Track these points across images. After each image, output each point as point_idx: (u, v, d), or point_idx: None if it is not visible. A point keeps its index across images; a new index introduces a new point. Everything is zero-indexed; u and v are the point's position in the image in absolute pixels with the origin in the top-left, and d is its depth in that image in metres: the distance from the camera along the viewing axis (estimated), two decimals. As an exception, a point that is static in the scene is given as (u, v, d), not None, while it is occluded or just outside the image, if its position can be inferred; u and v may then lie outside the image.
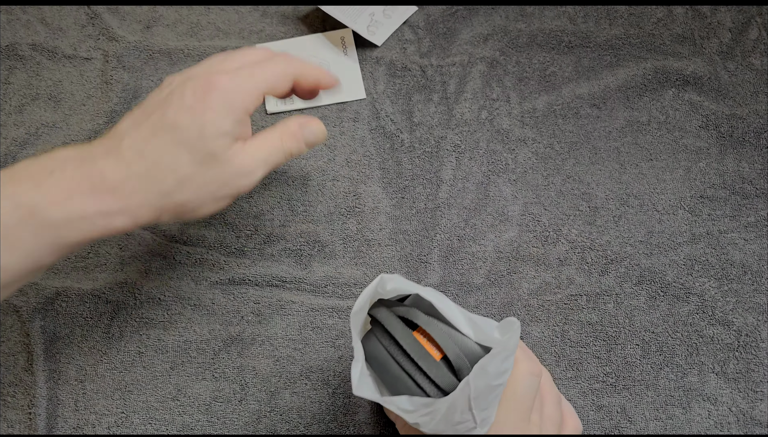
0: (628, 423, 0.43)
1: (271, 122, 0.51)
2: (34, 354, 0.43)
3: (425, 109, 0.51)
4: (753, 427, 0.43)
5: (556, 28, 0.54)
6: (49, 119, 0.50)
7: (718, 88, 0.52)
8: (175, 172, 0.33)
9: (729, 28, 0.53)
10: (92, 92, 0.51)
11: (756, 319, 0.45)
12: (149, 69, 0.52)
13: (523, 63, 0.53)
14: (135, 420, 0.42)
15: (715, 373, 0.44)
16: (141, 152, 0.33)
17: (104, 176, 0.32)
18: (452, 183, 0.49)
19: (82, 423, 0.42)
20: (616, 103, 0.52)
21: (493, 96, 0.52)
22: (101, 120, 0.50)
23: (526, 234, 0.48)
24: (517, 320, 0.32)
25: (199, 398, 0.43)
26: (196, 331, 0.44)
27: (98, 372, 0.43)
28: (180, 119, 0.33)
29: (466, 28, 0.54)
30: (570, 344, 0.45)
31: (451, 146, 0.50)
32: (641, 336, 0.45)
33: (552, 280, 0.46)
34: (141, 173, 0.33)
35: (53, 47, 0.52)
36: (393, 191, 0.49)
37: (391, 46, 0.53)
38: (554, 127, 0.51)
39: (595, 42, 0.53)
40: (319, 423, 0.42)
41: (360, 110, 0.51)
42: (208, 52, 0.52)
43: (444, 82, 0.52)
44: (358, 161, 0.50)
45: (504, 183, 0.49)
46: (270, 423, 0.42)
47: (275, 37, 0.53)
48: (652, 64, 0.52)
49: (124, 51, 0.52)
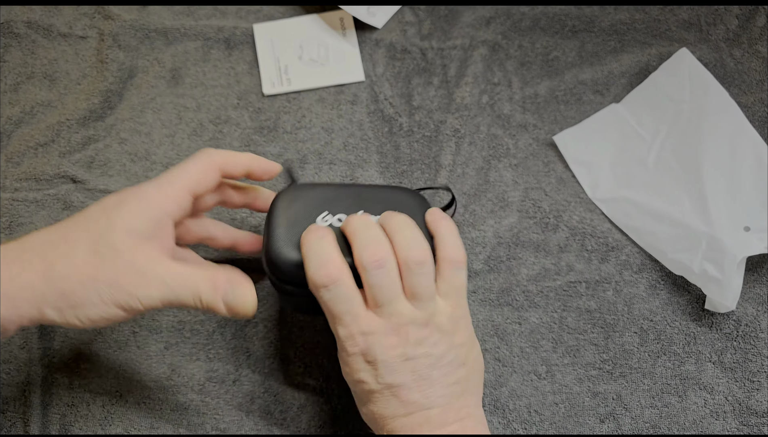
0: (623, 410, 0.45)
1: (268, 104, 0.53)
2: (29, 332, 0.46)
3: (425, 92, 0.54)
4: (749, 417, 0.45)
5: (559, 11, 0.56)
6: (44, 98, 0.53)
7: (723, 76, 0.54)
8: (66, 256, 0.33)
9: (736, 14, 0.56)
10: (87, 71, 0.54)
11: (756, 309, 0.47)
12: (145, 48, 0.55)
13: (526, 47, 0.55)
14: (129, 399, 0.45)
15: (712, 362, 0.46)
16: (42, 240, 0.34)
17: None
18: (451, 168, 0.52)
19: (77, 402, 0.44)
20: (620, 89, 0.54)
21: (495, 80, 0.54)
22: (96, 99, 0.52)
23: (526, 220, 0.50)
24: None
25: (193, 378, 0.45)
26: (191, 311, 0.47)
27: (92, 350, 0.46)
28: (92, 212, 0.34)
29: (468, 11, 0.56)
30: (568, 330, 0.47)
31: (451, 130, 0.53)
32: (640, 323, 0.47)
33: (552, 266, 0.49)
34: (33, 261, 0.33)
35: (48, 25, 0.55)
36: (391, 175, 0.51)
37: (391, 28, 0.56)
38: (556, 112, 0.54)
39: (600, 27, 0.56)
40: (313, 405, 0.45)
41: (358, 92, 0.54)
42: (204, 32, 0.55)
43: (444, 66, 0.55)
44: (356, 145, 0.52)
45: (504, 168, 0.52)
46: (263, 403, 0.45)
47: (273, 18, 0.56)
48: (657, 50, 0.55)
49: (119, 30, 0.55)
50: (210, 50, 0.55)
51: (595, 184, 0.51)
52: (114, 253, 0.33)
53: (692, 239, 0.47)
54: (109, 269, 0.33)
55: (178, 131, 0.52)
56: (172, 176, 0.37)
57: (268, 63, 0.54)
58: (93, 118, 0.52)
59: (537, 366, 0.46)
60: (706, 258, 0.46)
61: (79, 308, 0.33)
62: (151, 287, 0.34)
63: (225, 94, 0.54)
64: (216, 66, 0.54)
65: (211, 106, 0.53)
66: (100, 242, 0.33)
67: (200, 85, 0.54)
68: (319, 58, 0.55)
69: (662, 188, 0.50)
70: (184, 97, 0.53)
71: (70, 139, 0.51)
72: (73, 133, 0.52)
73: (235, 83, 0.54)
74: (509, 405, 0.45)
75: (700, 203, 0.48)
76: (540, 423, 0.45)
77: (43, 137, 0.51)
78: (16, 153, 0.51)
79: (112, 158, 0.51)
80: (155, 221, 0.35)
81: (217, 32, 0.55)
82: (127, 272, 0.33)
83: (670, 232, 0.48)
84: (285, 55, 0.54)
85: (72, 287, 0.33)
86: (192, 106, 0.53)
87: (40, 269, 0.33)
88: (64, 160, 0.51)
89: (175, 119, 0.53)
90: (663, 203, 0.49)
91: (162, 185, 0.36)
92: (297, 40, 0.55)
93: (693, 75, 0.51)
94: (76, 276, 0.33)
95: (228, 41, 0.55)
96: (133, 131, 0.52)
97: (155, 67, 0.54)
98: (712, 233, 0.46)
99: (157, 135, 0.52)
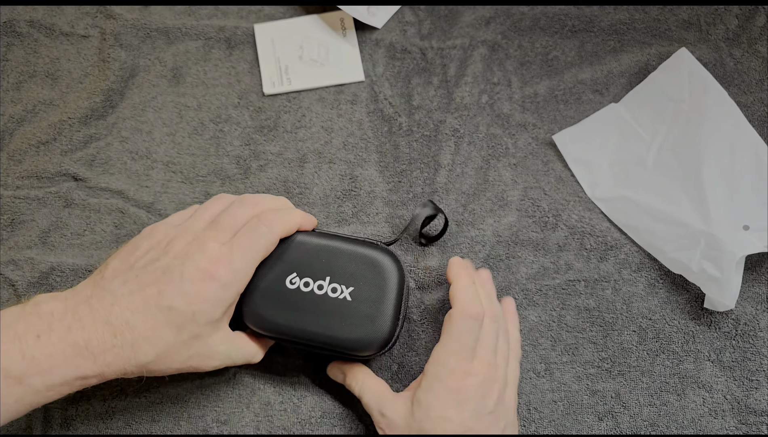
0: (622, 409, 0.46)
1: (268, 104, 0.54)
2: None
3: (424, 92, 0.54)
4: (747, 415, 0.45)
5: (559, 11, 0.57)
6: (46, 97, 0.54)
7: (723, 76, 0.54)
8: (156, 346, 0.36)
9: (736, 14, 0.56)
10: (89, 70, 0.55)
11: (755, 308, 0.48)
12: (146, 47, 0.55)
13: (526, 47, 0.56)
14: (130, 393, 0.45)
15: (711, 361, 0.47)
16: (129, 323, 0.36)
17: (89, 345, 0.35)
18: (451, 168, 0.52)
19: (77, 396, 0.45)
20: (620, 89, 0.55)
21: (494, 80, 0.55)
22: (98, 98, 0.53)
23: (525, 219, 0.51)
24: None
25: (193, 372, 0.46)
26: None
27: (93, 347, 0.46)
28: (176, 302, 0.37)
29: (468, 11, 0.57)
30: (567, 329, 0.48)
31: (450, 130, 0.53)
32: (638, 322, 0.48)
33: (550, 265, 0.49)
34: (125, 345, 0.36)
35: (51, 24, 0.56)
36: (390, 174, 0.52)
37: (391, 28, 0.56)
38: (555, 112, 0.54)
39: (599, 26, 0.56)
40: (313, 396, 0.45)
41: (358, 92, 0.54)
42: (205, 31, 0.55)
43: (444, 66, 0.55)
44: (355, 144, 0.53)
45: (504, 168, 0.52)
46: (263, 395, 0.45)
47: (274, 18, 0.56)
48: (656, 50, 0.55)
49: (121, 29, 0.55)
50: (211, 50, 0.55)
51: (595, 183, 0.52)
52: (197, 340, 0.38)
53: (691, 237, 0.47)
54: (191, 351, 0.38)
55: (178, 130, 0.53)
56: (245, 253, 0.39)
57: (269, 63, 0.55)
58: (94, 116, 0.53)
59: (536, 364, 0.47)
60: (705, 257, 0.46)
61: (156, 373, 0.38)
62: (215, 361, 0.39)
63: (226, 94, 0.54)
64: (217, 65, 0.55)
65: (212, 105, 0.54)
66: (186, 333, 0.37)
67: (201, 84, 0.54)
68: (319, 58, 0.55)
69: (661, 187, 0.50)
70: (185, 97, 0.54)
71: (72, 137, 0.52)
72: (75, 131, 0.52)
73: (236, 83, 0.54)
74: (508, 403, 0.46)
75: (699, 202, 0.48)
76: (539, 420, 0.45)
77: (44, 135, 0.52)
78: (17, 151, 0.51)
79: (113, 157, 0.52)
80: (231, 304, 0.39)
81: (218, 32, 0.55)
82: (205, 353, 0.39)
83: (669, 231, 0.48)
84: (285, 54, 0.55)
85: (158, 367, 0.37)
86: (193, 105, 0.54)
87: (134, 361, 0.36)
88: (65, 158, 0.51)
89: (176, 117, 0.53)
90: (662, 202, 0.49)
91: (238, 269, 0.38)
92: (297, 40, 0.56)
93: (692, 75, 0.52)
94: (163, 360, 0.37)
95: (229, 41, 0.55)
96: (135, 130, 0.53)
97: (156, 66, 0.55)
98: (711, 231, 0.47)
99: (158, 134, 0.53)
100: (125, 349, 0.36)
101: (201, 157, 0.52)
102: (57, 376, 0.34)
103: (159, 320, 0.36)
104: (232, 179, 0.52)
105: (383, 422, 0.40)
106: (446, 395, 0.38)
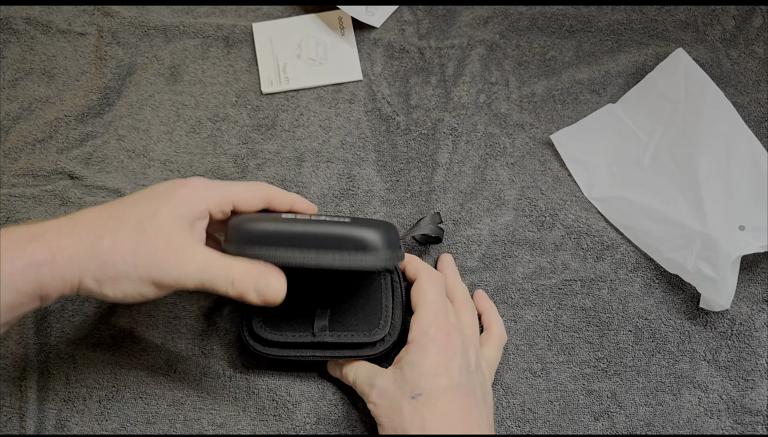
0: (618, 408, 0.46)
1: (266, 102, 0.54)
2: (26, 327, 0.46)
3: (422, 91, 0.55)
4: (743, 415, 0.46)
5: (557, 11, 0.57)
6: (42, 94, 0.54)
7: (719, 76, 0.55)
8: (113, 232, 0.35)
9: (733, 15, 0.57)
10: (86, 68, 0.55)
11: (750, 308, 0.48)
12: (144, 45, 0.55)
13: (523, 47, 0.56)
14: (125, 395, 0.45)
15: (706, 361, 0.47)
16: (93, 216, 0.36)
17: (44, 231, 0.34)
18: (448, 167, 0.52)
19: (73, 397, 0.45)
20: (617, 89, 0.55)
21: (492, 80, 0.55)
22: (95, 96, 0.53)
23: (522, 218, 0.51)
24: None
25: (190, 374, 0.46)
26: (186, 308, 0.47)
27: (89, 346, 0.46)
28: (143, 195, 0.37)
29: (466, 10, 0.57)
30: (563, 328, 0.48)
31: (448, 129, 0.53)
32: (634, 322, 0.48)
33: (547, 265, 0.50)
34: (82, 235, 0.35)
35: (48, 22, 0.56)
36: (388, 174, 0.52)
37: (389, 28, 0.56)
38: (553, 112, 0.54)
39: (597, 26, 0.57)
40: (308, 400, 0.45)
41: (356, 91, 0.54)
42: (203, 29, 0.55)
43: (442, 65, 0.55)
44: (353, 143, 0.53)
45: (501, 167, 0.52)
46: (259, 399, 0.45)
47: (272, 17, 0.57)
48: (653, 50, 0.55)
49: (119, 27, 0.55)
50: (209, 48, 0.55)
51: (591, 183, 0.52)
52: (157, 231, 0.35)
53: (687, 237, 0.48)
54: (150, 245, 0.35)
55: (176, 128, 0.53)
56: (223, 182, 0.40)
57: (267, 61, 0.55)
58: (91, 114, 0.53)
59: (532, 364, 0.47)
60: (700, 257, 0.46)
61: (116, 281, 0.35)
62: (187, 267, 0.36)
63: (223, 92, 0.54)
64: (215, 64, 0.55)
65: (210, 103, 0.54)
66: (146, 221, 0.36)
67: (199, 82, 0.54)
68: (317, 57, 0.55)
69: (658, 187, 0.51)
70: (183, 95, 0.54)
71: (68, 135, 0.52)
72: (71, 129, 0.52)
73: (234, 81, 0.55)
74: (503, 403, 0.46)
75: (696, 203, 0.49)
76: (534, 421, 0.46)
77: (41, 133, 0.52)
78: (13, 149, 0.52)
79: (109, 155, 0.52)
80: (198, 212, 0.38)
81: (216, 30, 0.56)
82: (166, 250, 0.35)
83: (666, 231, 0.49)
84: (284, 53, 0.55)
85: (113, 259, 0.34)
86: (190, 103, 0.54)
87: (87, 241, 0.35)
88: (61, 156, 0.51)
89: (174, 116, 0.53)
90: (658, 202, 0.50)
91: (212, 185, 0.39)
92: (296, 39, 0.56)
93: (689, 75, 0.52)
94: (119, 250, 0.35)
95: (227, 39, 0.56)
96: (132, 128, 0.53)
97: (154, 64, 0.55)
98: (706, 232, 0.47)
99: (155, 132, 0.53)
100: (82, 237, 0.35)
101: (198, 155, 0.52)
102: (6, 264, 0.33)
103: (118, 211, 0.36)
104: (230, 177, 0.52)
105: (374, 392, 0.40)
106: (437, 352, 0.39)
